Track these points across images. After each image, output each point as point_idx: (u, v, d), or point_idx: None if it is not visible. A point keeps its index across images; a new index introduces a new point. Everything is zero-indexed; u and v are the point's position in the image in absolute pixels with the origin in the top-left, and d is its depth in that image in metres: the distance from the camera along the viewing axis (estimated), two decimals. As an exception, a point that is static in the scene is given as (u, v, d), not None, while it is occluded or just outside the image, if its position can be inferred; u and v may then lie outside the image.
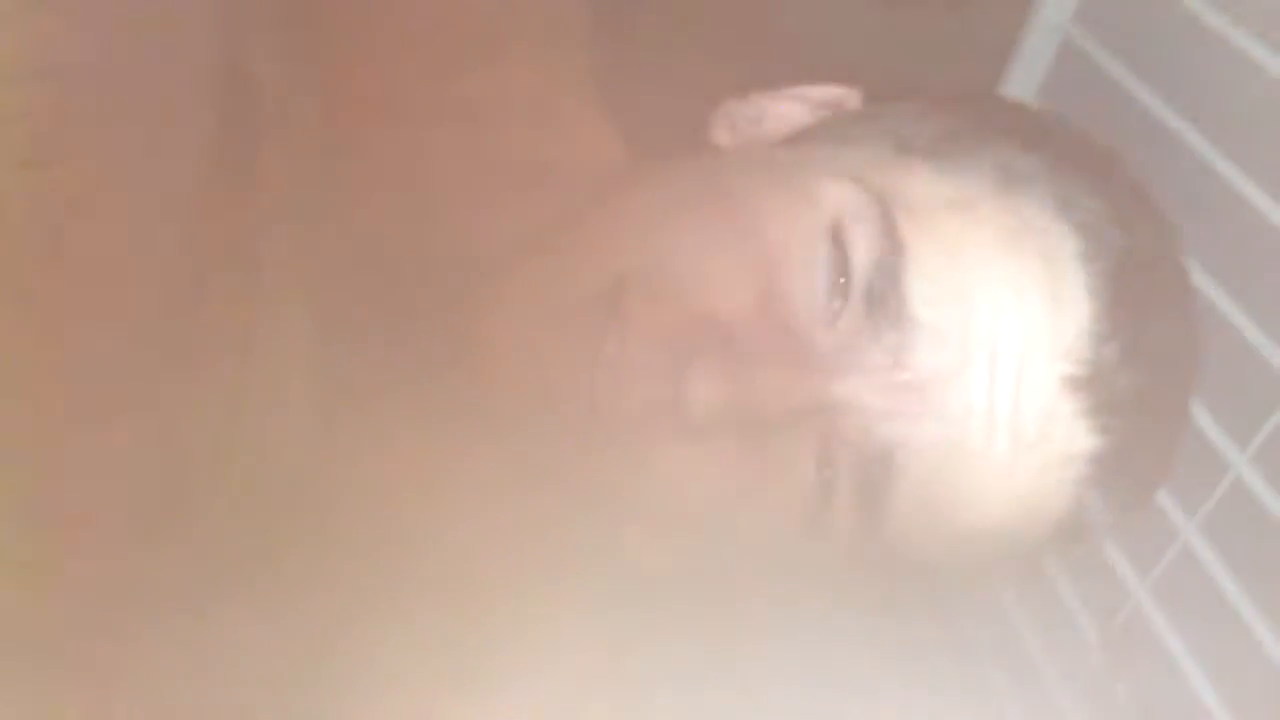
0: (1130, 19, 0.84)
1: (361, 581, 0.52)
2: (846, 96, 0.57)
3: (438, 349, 0.52)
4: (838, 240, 0.48)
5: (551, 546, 0.56)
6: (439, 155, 0.56)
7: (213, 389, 0.47)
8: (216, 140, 0.47)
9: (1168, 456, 0.55)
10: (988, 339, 0.48)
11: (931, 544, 0.51)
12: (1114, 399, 0.49)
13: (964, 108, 0.54)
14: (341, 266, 0.52)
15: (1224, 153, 0.75)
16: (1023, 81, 0.94)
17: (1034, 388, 0.48)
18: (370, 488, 0.53)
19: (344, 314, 0.52)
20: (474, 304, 0.51)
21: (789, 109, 0.57)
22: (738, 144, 0.57)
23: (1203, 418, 0.78)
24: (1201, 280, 0.76)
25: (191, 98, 0.47)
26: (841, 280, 0.48)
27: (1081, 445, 0.49)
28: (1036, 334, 0.48)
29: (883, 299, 0.47)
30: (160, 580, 0.47)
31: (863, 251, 0.48)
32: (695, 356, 0.46)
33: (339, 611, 0.51)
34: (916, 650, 0.99)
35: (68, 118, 0.43)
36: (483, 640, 0.55)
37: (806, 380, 0.48)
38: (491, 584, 0.55)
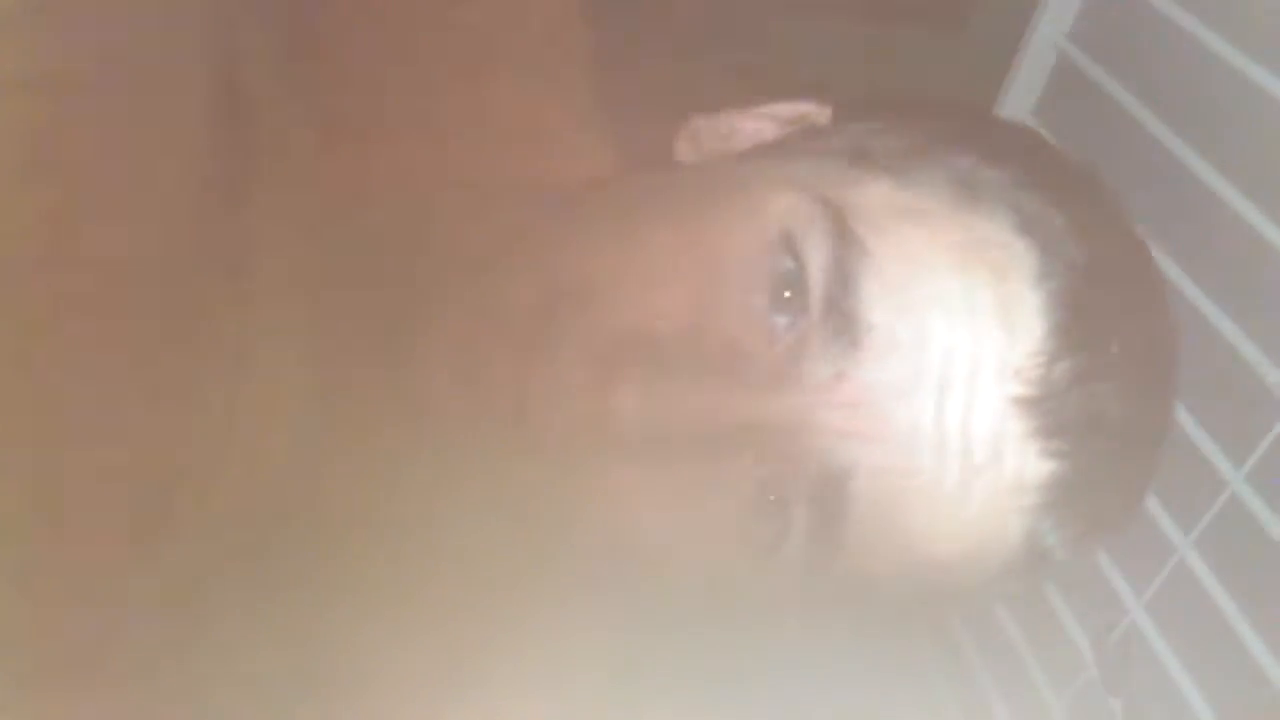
0: (1125, 37, 0.84)
1: (357, 589, 0.52)
2: (816, 113, 0.56)
3: (403, 361, 0.52)
4: (790, 251, 0.47)
5: (547, 555, 0.56)
6: (432, 171, 0.56)
7: (207, 400, 0.48)
8: (210, 153, 0.47)
9: (1133, 484, 0.52)
10: (939, 355, 0.46)
11: (884, 573, 0.50)
12: (1066, 422, 0.47)
13: (928, 120, 0.53)
14: (334, 279, 0.52)
15: (1218, 169, 0.76)
16: (1019, 98, 0.95)
17: (983, 409, 0.47)
18: (363, 496, 0.53)
19: (337, 325, 0.52)
20: (426, 316, 0.51)
21: (757, 126, 0.56)
22: (698, 159, 0.56)
23: (1199, 435, 0.78)
24: (1196, 297, 0.76)
25: (186, 111, 0.47)
26: (787, 295, 0.47)
27: (1033, 470, 0.48)
28: (987, 352, 0.47)
29: (837, 303, 0.46)
30: (157, 589, 0.47)
31: (818, 256, 0.47)
32: (624, 370, 0.45)
33: (334, 619, 0.51)
34: (912, 668, 0.99)
35: (63, 130, 0.43)
36: (475, 646, 0.55)
37: (740, 397, 0.46)
38: (486, 590, 0.55)
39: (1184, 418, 0.78)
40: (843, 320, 0.46)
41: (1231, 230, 0.74)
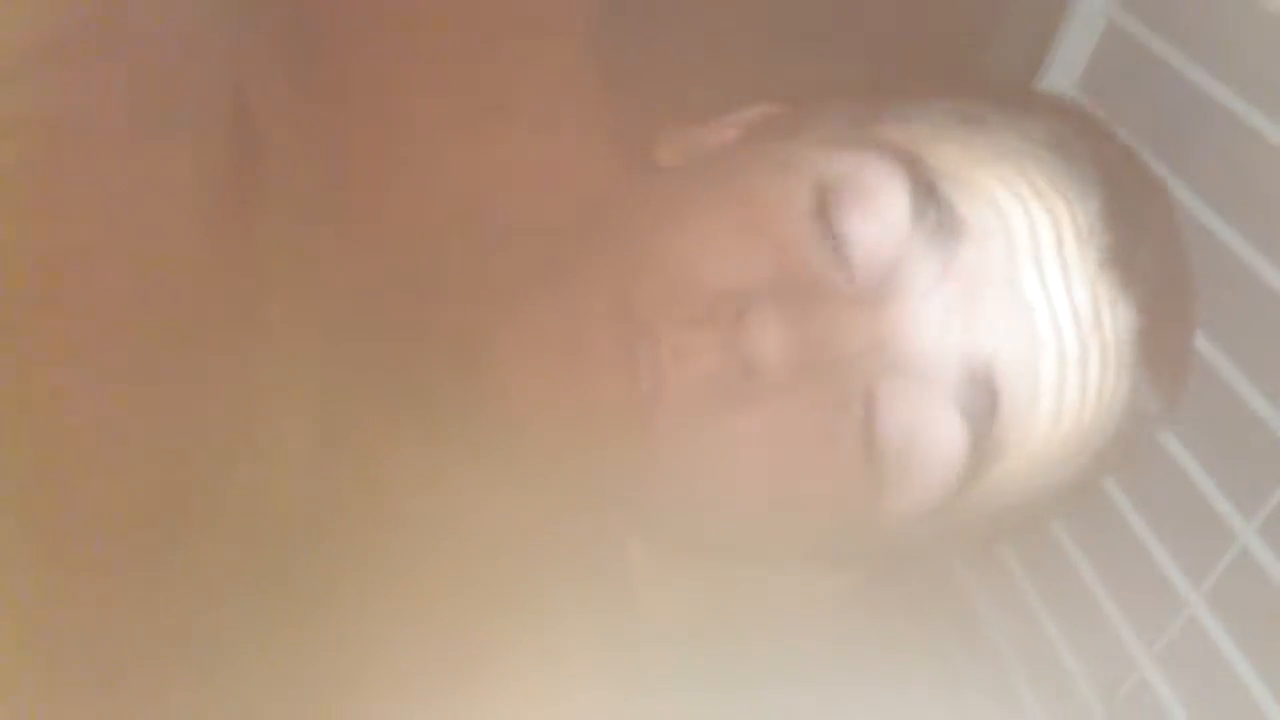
0: (1134, 86, 0.84)
1: (365, 607, 0.52)
2: (773, 110, 0.60)
3: (447, 374, 0.52)
4: (825, 200, 0.49)
5: (560, 565, 0.56)
6: (442, 197, 0.57)
7: (214, 433, 0.48)
8: (220, 185, 0.48)
9: (1192, 332, 0.58)
10: (1025, 234, 0.49)
11: (1023, 470, 0.52)
12: (1142, 274, 0.51)
13: (905, 86, 0.57)
14: (344, 301, 0.52)
15: (1224, 219, 0.75)
16: (1065, 68, 0.91)
17: (1078, 273, 0.50)
18: (373, 515, 0.53)
19: (347, 346, 0.52)
20: (483, 330, 0.51)
21: (726, 133, 0.59)
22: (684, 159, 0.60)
23: (1209, 488, 0.77)
24: (1206, 348, 0.76)
25: (194, 146, 0.47)
26: (839, 238, 0.49)
27: (1125, 323, 0.51)
28: (1064, 224, 0.50)
29: (923, 208, 0.49)
30: (161, 618, 0.47)
31: (893, 180, 0.49)
32: (746, 313, 0.46)
33: (343, 634, 0.51)
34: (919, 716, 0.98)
35: (70, 169, 0.43)
36: (489, 658, 0.55)
37: (861, 311, 0.48)
38: (498, 604, 0.55)
39: (1193, 470, 0.77)
40: (935, 220, 0.49)
41: (1241, 281, 0.73)
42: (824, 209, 0.49)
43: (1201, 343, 0.76)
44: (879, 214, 0.49)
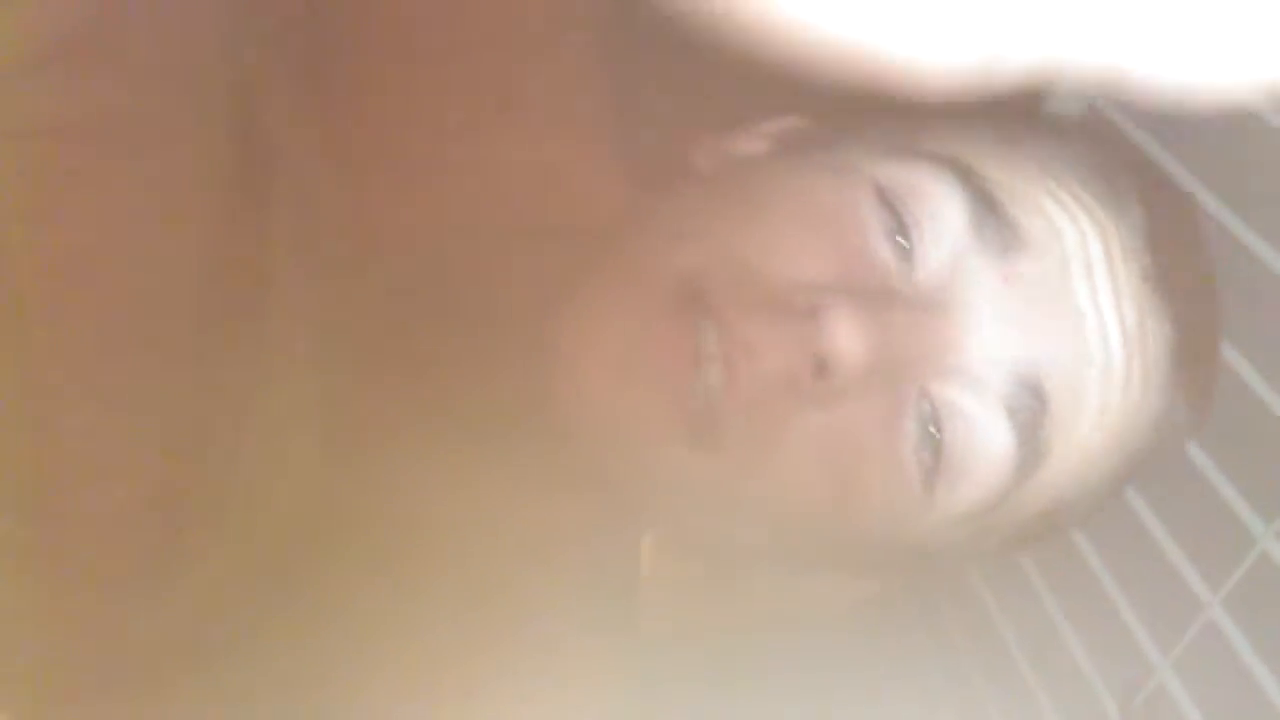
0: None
1: (367, 608, 0.52)
2: (797, 122, 0.60)
3: (475, 377, 0.52)
4: (888, 206, 0.50)
5: (568, 564, 0.56)
6: (449, 198, 0.57)
7: (217, 427, 0.48)
8: (224, 186, 0.48)
9: (1219, 345, 0.58)
10: (1075, 244, 0.49)
11: (1060, 476, 0.52)
12: (1180, 291, 0.51)
13: (926, 108, 0.58)
14: (350, 302, 0.52)
15: (1245, 220, 0.75)
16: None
17: (1125, 285, 0.50)
18: (375, 517, 0.53)
19: (351, 348, 0.52)
20: (520, 329, 0.51)
21: (757, 143, 0.60)
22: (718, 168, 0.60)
23: (1228, 492, 0.76)
24: (1225, 352, 0.75)
25: (201, 154, 0.47)
26: (900, 240, 0.49)
27: (1165, 338, 0.51)
28: (1110, 234, 0.50)
29: (982, 219, 0.49)
30: (166, 605, 0.47)
31: (949, 189, 0.50)
32: (820, 312, 0.46)
33: (344, 634, 0.51)
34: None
35: (71, 175, 0.43)
36: (491, 656, 0.54)
37: (924, 315, 0.48)
38: (500, 602, 0.55)
39: (1212, 473, 0.77)
40: (994, 230, 0.49)
41: (1261, 283, 0.73)
42: (886, 213, 0.49)
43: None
44: (940, 221, 0.49)
